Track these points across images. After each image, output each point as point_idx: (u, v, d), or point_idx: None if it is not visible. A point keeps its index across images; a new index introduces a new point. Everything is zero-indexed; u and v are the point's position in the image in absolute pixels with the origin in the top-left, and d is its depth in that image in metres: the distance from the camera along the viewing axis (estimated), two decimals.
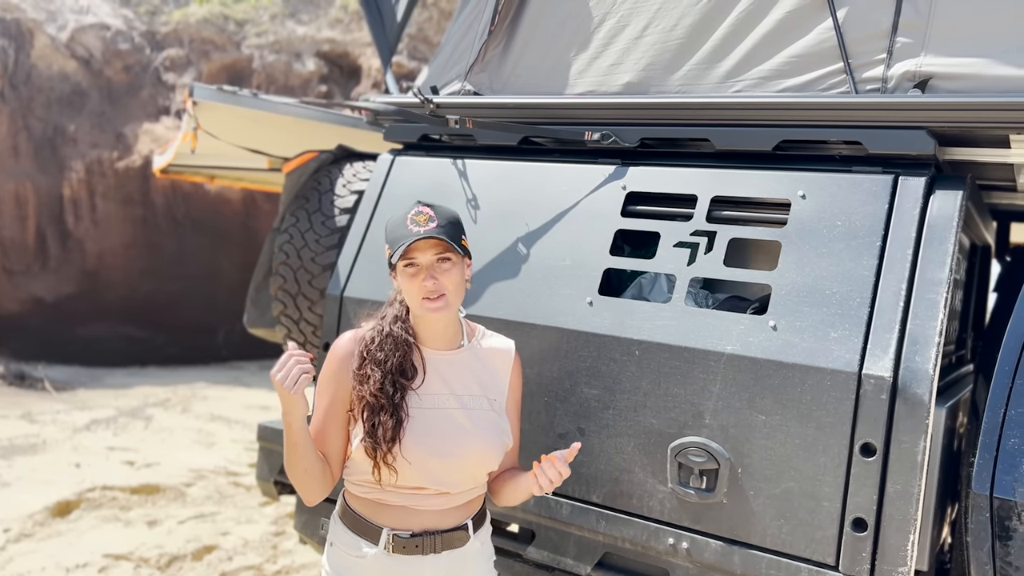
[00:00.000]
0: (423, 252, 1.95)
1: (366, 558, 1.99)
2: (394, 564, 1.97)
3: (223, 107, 3.75)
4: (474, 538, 2.06)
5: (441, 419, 1.99)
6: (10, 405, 8.66)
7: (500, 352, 2.14)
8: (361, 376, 1.97)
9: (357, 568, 2.01)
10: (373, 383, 1.95)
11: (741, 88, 2.44)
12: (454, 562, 2.02)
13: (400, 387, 1.96)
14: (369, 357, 1.99)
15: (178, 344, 11.85)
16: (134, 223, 11.91)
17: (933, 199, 2.13)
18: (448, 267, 1.96)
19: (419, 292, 1.95)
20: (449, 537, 2.00)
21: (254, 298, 3.51)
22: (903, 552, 1.94)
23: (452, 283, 1.96)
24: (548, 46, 2.80)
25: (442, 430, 1.97)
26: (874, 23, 2.26)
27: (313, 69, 12.46)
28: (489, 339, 2.15)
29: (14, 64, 11.35)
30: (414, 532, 1.98)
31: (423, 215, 1.95)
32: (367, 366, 1.97)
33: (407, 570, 1.98)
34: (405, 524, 1.98)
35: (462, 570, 2.04)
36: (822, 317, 2.07)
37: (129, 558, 4.74)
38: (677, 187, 2.43)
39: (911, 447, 1.94)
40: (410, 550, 1.97)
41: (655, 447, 2.22)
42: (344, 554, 2.03)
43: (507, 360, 2.13)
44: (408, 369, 2.00)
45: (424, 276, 1.94)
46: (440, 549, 1.99)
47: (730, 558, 2.11)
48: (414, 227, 1.93)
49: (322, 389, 2.04)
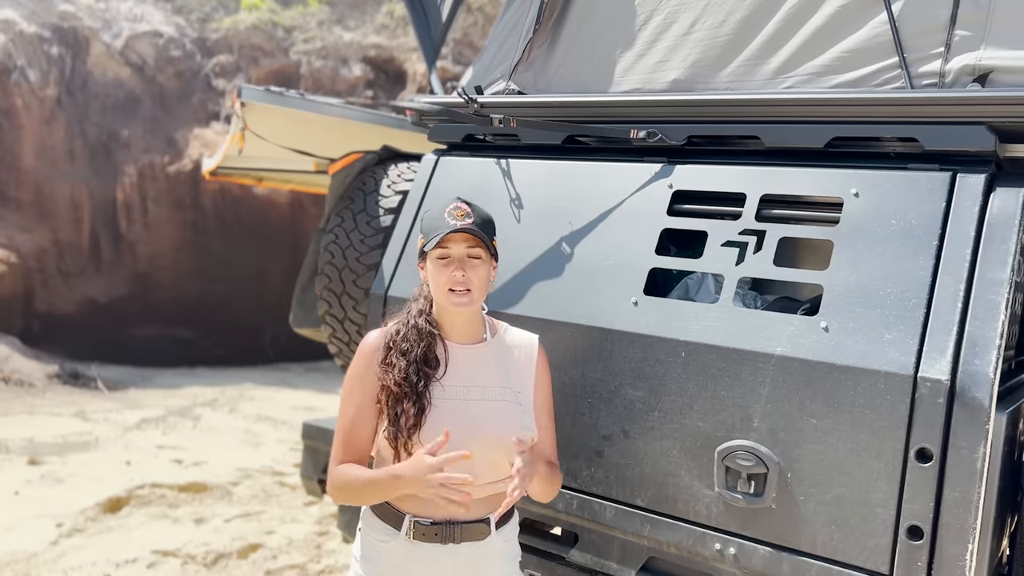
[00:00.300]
0: (456, 244, 2.01)
1: (389, 543, 2.03)
2: (415, 551, 2.00)
3: (270, 108, 3.79)
4: (496, 534, 2.06)
5: (463, 410, 2.01)
6: (65, 403, 8.88)
7: (523, 345, 2.16)
8: (386, 366, 2.02)
9: (383, 553, 2.05)
10: (398, 371, 1.99)
11: (792, 84, 2.38)
12: (474, 556, 2.02)
13: (424, 376, 2.00)
14: (395, 348, 2.04)
15: (226, 345, 12.06)
16: (184, 226, 12.15)
17: (993, 197, 2.05)
18: (477, 264, 2.02)
19: (447, 283, 2.00)
20: (470, 529, 2.01)
21: (299, 298, 3.53)
22: (961, 562, 1.86)
23: (479, 279, 2.02)
24: (593, 44, 2.77)
25: (463, 421, 1.99)
26: (931, 16, 2.19)
27: (359, 74, 12.59)
28: (512, 333, 2.18)
29: (71, 71, 11.66)
30: (435, 520, 1.99)
31: (460, 210, 2.02)
32: (392, 355, 2.03)
33: (427, 558, 2.00)
34: (427, 512, 2.00)
35: (483, 566, 2.05)
36: (876, 318, 2.01)
37: (176, 555, 4.81)
38: (725, 185, 2.38)
39: (970, 453, 1.87)
40: (430, 538, 1.99)
41: (702, 450, 2.18)
42: (371, 539, 2.08)
43: (531, 352, 2.16)
44: (432, 359, 2.04)
45: (454, 267, 2.00)
46: (460, 540, 2.00)
47: (779, 565, 2.06)
48: (451, 220, 2.00)
49: (352, 387, 2.08)
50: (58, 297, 11.57)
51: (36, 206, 11.33)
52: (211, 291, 12.20)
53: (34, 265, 11.33)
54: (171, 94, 12.29)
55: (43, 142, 11.35)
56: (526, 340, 2.18)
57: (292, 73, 12.50)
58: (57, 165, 11.41)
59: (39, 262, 11.39)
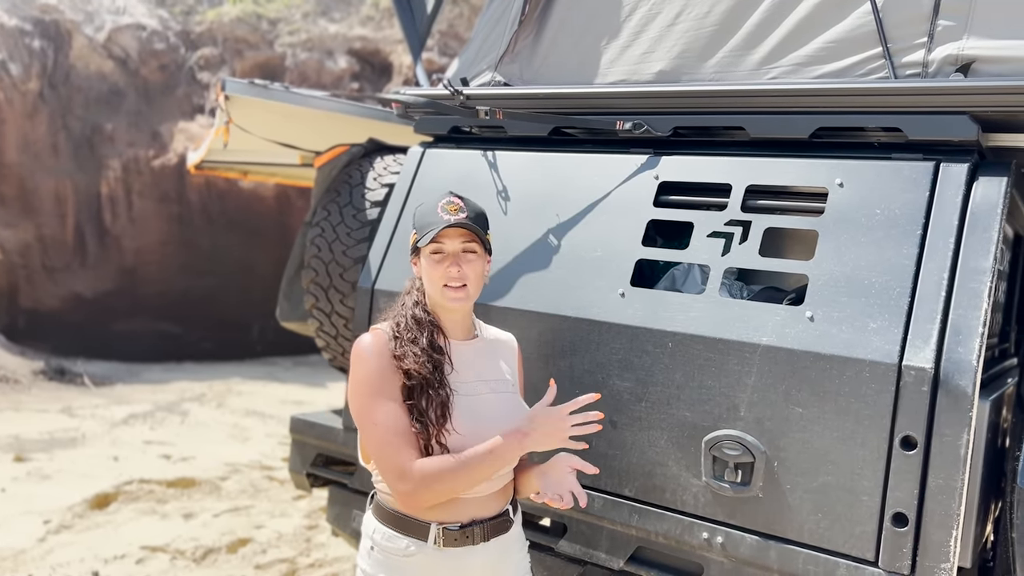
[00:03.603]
0: (451, 240, 1.96)
1: (415, 556, 1.94)
2: (444, 558, 1.93)
3: (255, 101, 3.77)
4: (515, 522, 2.07)
5: (478, 404, 1.98)
6: (51, 400, 8.82)
7: (507, 341, 2.19)
8: (400, 356, 1.94)
9: (404, 568, 1.95)
10: (415, 357, 1.92)
11: (776, 75, 2.39)
12: (501, 550, 2.01)
13: (437, 363, 1.95)
14: (402, 338, 1.97)
15: (213, 340, 12.01)
16: (170, 220, 12.08)
17: (976, 186, 2.07)
18: (472, 258, 1.99)
19: (442, 278, 1.96)
20: (496, 524, 2.00)
21: (286, 292, 3.52)
22: (945, 548, 1.88)
23: (474, 274, 1.99)
24: (579, 35, 2.77)
25: (483, 414, 1.96)
26: (914, 6, 2.20)
27: (345, 66, 12.53)
28: (492, 330, 2.19)
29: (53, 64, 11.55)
30: (463, 523, 1.95)
31: (454, 205, 1.98)
32: (404, 346, 1.95)
33: (457, 562, 1.95)
34: (453, 516, 1.94)
35: (506, 556, 2.04)
36: (861, 307, 2.03)
37: (165, 550, 4.80)
38: (711, 176, 2.39)
39: (954, 440, 1.88)
40: (461, 542, 1.94)
41: (689, 440, 2.19)
42: (387, 556, 1.97)
43: (514, 349, 2.19)
44: (438, 347, 1.99)
45: (449, 263, 1.96)
46: (489, 537, 1.97)
47: (766, 553, 2.07)
48: (445, 215, 1.95)
49: (377, 389, 1.93)
50: (43, 292, 11.48)
51: (19, 201, 11.23)
52: (197, 285, 12.14)
53: (18, 260, 11.25)
54: (155, 87, 12.20)
55: (26, 136, 11.25)
56: (506, 336, 2.20)
57: (277, 66, 12.43)
58: (40, 159, 11.31)
59: (23, 257, 11.31)
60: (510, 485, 2.08)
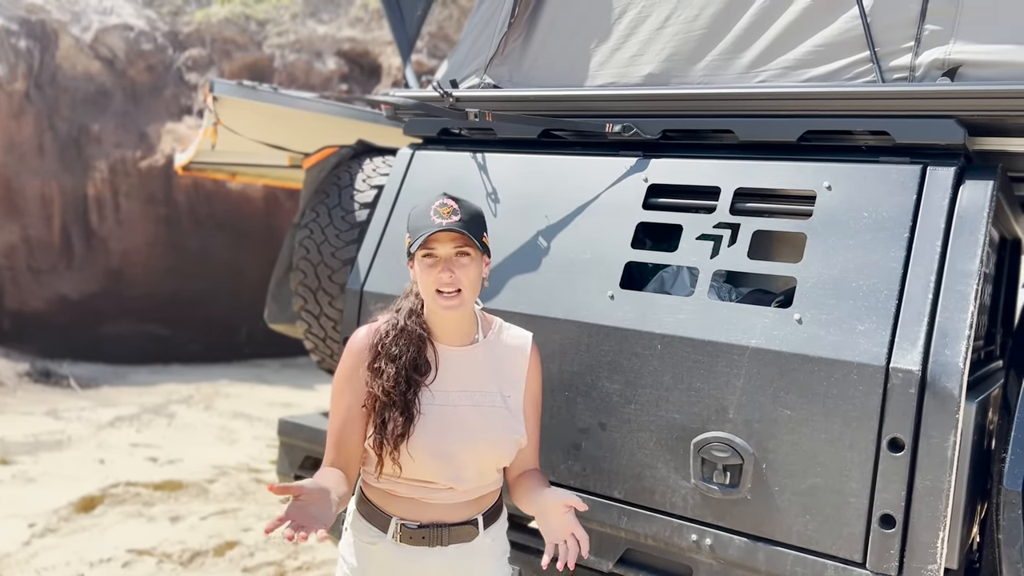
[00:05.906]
0: (443, 244, 1.92)
1: (377, 545, 2.01)
2: (401, 554, 1.98)
3: (243, 102, 3.76)
4: (484, 534, 2.04)
5: (451, 417, 1.96)
6: (36, 402, 8.75)
7: (517, 346, 2.09)
8: (375, 371, 1.95)
9: (368, 555, 2.03)
10: (387, 379, 1.92)
11: (765, 78, 2.40)
12: (462, 556, 2.00)
13: (413, 383, 1.94)
14: (383, 352, 1.96)
15: (201, 342, 11.93)
16: (157, 222, 12.01)
17: (963, 190, 2.08)
18: (466, 262, 1.93)
19: (434, 284, 1.92)
20: (458, 531, 1.99)
21: (275, 293, 3.51)
22: (932, 549, 1.89)
23: (468, 278, 1.92)
24: (568, 38, 2.77)
25: (451, 428, 1.94)
26: (901, 10, 2.21)
27: (334, 68, 12.50)
28: (506, 332, 2.11)
29: (39, 65, 11.47)
30: (422, 523, 1.97)
31: (447, 207, 1.92)
32: (381, 360, 1.95)
33: (414, 560, 1.98)
34: (414, 515, 1.98)
35: (470, 565, 2.03)
36: (848, 310, 2.03)
37: (152, 553, 4.77)
38: (700, 179, 2.40)
39: (941, 442, 1.89)
40: (417, 541, 1.97)
41: (678, 442, 2.19)
42: (357, 540, 2.05)
43: (524, 354, 2.09)
44: (422, 365, 1.97)
45: (441, 268, 1.91)
46: (448, 542, 1.98)
47: (754, 555, 2.08)
48: (436, 218, 1.90)
49: (341, 389, 2.01)
50: (28, 294, 11.39)
51: (5, 202, 11.14)
52: (185, 287, 12.06)
53: (3, 262, 11.15)
54: (142, 88, 12.13)
55: (11, 137, 11.16)
56: (519, 340, 2.11)
57: (266, 67, 12.38)
58: (26, 160, 11.22)
59: (8, 259, 11.21)
60: (489, 496, 2.06)
